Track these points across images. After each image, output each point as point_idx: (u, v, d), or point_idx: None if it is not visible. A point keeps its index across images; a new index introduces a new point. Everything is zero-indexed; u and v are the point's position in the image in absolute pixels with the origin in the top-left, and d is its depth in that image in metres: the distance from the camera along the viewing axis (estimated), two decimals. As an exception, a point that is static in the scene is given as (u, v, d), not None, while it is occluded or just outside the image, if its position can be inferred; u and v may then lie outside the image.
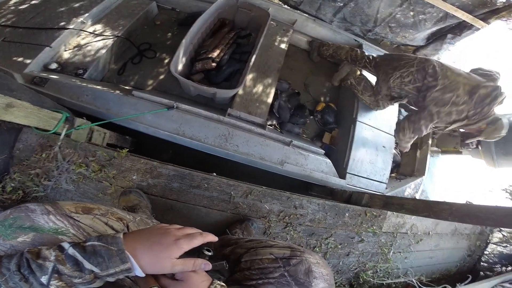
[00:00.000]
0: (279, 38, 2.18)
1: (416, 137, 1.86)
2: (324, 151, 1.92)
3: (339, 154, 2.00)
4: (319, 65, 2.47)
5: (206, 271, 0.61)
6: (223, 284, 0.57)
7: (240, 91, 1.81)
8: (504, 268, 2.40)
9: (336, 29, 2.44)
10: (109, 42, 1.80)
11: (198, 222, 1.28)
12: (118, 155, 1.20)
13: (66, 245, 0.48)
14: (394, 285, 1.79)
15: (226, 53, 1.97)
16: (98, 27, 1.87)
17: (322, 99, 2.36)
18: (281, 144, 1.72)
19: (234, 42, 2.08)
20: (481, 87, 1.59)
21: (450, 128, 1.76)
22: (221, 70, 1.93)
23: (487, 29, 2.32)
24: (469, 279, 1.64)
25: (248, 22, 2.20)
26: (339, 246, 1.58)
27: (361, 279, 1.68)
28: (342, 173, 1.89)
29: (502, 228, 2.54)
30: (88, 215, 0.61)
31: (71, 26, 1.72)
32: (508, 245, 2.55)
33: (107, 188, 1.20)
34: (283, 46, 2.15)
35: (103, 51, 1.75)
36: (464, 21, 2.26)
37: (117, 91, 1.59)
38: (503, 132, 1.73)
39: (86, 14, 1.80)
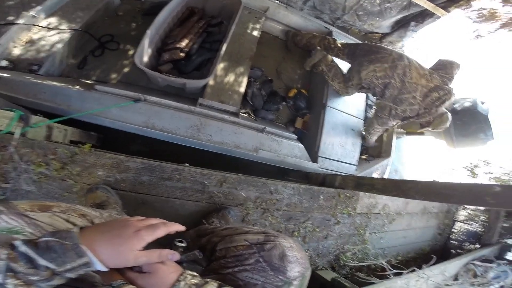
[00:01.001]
0: (252, 26, 2.16)
1: (383, 130, 2.11)
2: (296, 136, 1.96)
3: (311, 138, 2.06)
4: (291, 52, 2.49)
5: (185, 262, 0.60)
6: (195, 274, 0.56)
7: (211, 81, 1.78)
8: (472, 245, 2.52)
9: (307, 16, 2.46)
10: (66, 35, 1.68)
11: (173, 215, 1.26)
12: (81, 151, 1.14)
13: (17, 243, 0.46)
14: (373, 266, 1.86)
15: (196, 42, 1.91)
16: (53, 21, 1.74)
17: (294, 85, 2.39)
18: (255, 131, 1.74)
19: (205, 31, 2.03)
20: (434, 91, 1.78)
21: (404, 122, 2.03)
22: (191, 60, 1.89)
23: (447, 17, 2.45)
24: (434, 260, 1.75)
25: (220, 10, 2.15)
26: (317, 230, 1.62)
27: (341, 261, 1.73)
28: (314, 157, 1.95)
29: (466, 206, 2.68)
30: (46, 213, 0.58)
31: (20, 21, 1.59)
32: (473, 223, 2.67)
33: (72, 186, 1.14)
34: (255, 33, 2.13)
35: (59, 45, 1.64)
36: (426, 9, 2.37)
37: (78, 86, 1.51)
38: (447, 124, 1.98)
39: (38, 8, 1.67)
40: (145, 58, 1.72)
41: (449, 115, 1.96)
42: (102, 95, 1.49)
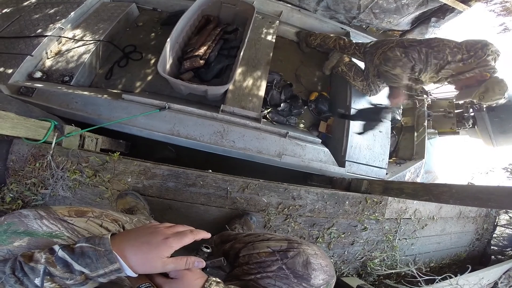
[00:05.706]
0: (266, 31, 2.16)
1: (407, 71, 1.68)
2: (321, 140, 1.91)
3: (336, 142, 2.00)
4: (309, 55, 2.46)
5: (209, 268, 0.61)
6: (219, 280, 0.56)
7: (231, 87, 1.79)
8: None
9: (322, 18, 2.42)
10: (92, 46, 1.77)
11: (198, 220, 1.27)
12: (111, 159, 1.18)
13: (56, 248, 0.47)
14: (403, 273, 1.75)
15: (214, 49, 1.94)
16: (78, 32, 1.84)
17: (314, 88, 2.35)
18: (277, 136, 1.72)
19: (221, 38, 2.06)
20: (466, 41, 1.62)
21: (449, 72, 1.64)
22: (211, 67, 1.91)
23: (469, 12, 2.32)
24: (469, 270, 1.60)
25: (234, 17, 2.18)
26: (342, 236, 1.56)
27: (368, 268, 1.66)
28: (341, 161, 1.89)
29: (509, 210, 2.44)
30: (82, 218, 0.60)
31: (49, 33, 1.68)
32: (516, 228, 2.43)
33: (104, 192, 1.19)
34: (270, 38, 2.13)
35: (87, 56, 1.72)
36: (445, 4, 2.26)
37: (106, 96, 1.57)
38: (504, 94, 1.58)
39: (63, 20, 1.77)
40: (168, 67, 1.77)
41: (506, 82, 1.55)
42: (129, 104, 1.54)
